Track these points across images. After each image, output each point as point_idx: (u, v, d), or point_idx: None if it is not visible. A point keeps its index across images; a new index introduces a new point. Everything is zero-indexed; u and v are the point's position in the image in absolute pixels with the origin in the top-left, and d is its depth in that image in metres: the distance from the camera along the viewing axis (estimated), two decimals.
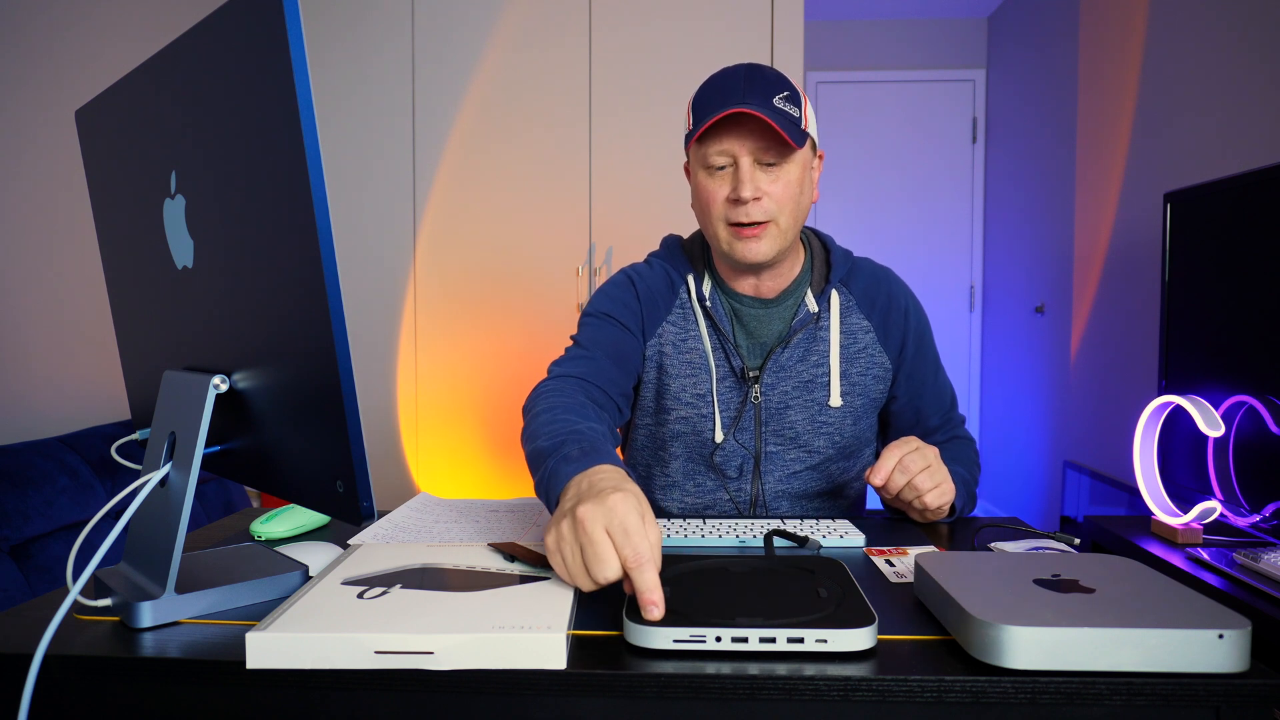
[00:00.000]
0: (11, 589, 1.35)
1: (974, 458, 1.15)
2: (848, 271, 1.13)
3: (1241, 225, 1.52)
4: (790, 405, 1.10)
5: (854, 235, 3.83)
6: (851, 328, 1.11)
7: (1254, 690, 0.56)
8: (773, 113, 0.96)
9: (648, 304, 1.11)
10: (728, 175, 1.01)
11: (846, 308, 1.12)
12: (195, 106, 0.68)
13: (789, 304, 1.11)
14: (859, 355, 1.11)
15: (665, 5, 2.45)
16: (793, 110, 0.99)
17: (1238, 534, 1.51)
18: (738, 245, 1.02)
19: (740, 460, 1.12)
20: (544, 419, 0.88)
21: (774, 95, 0.98)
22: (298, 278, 0.59)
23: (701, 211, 1.06)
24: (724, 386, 1.10)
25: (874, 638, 0.61)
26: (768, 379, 1.10)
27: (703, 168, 1.03)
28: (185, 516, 0.68)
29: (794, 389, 1.10)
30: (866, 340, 1.11)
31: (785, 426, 1.10)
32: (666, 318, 1.11)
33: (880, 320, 1.12)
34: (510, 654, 0.58)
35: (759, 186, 0.99)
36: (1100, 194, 2.69)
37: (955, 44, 3.80)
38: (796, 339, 1.09)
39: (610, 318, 1.10)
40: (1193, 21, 2.20)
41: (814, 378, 1.10)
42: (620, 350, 1.08)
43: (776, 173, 1.00)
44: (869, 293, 1.13)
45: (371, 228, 2.55)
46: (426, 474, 2.58)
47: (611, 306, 1.11)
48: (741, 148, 0.99)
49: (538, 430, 0.86)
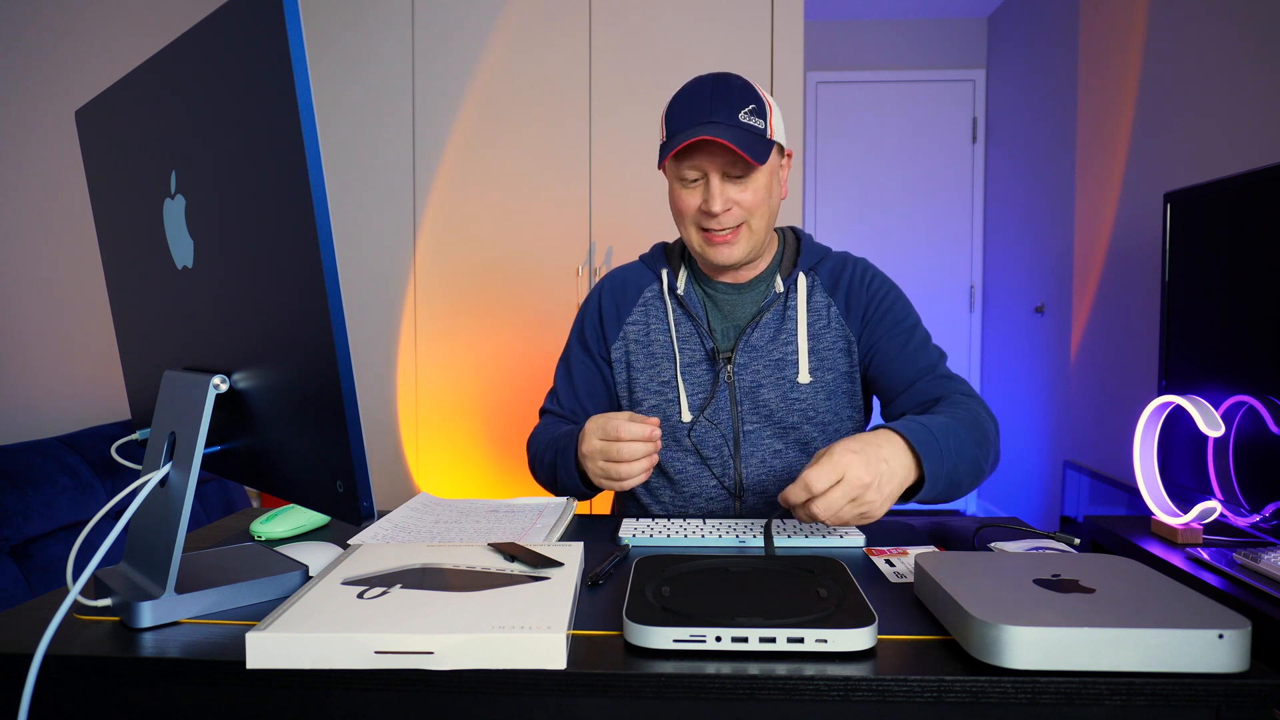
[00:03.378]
0: (11, 589, 1.34)
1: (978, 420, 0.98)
2: (818, 260, 1.19)
3: (1241, 225, 1.52)
4: (763, 384, 1.14)
5: (854, 235, 3.83)
6: (816, 305, 1.16)
7: (1254, 690, 0.56)
8: (736, 134, 1.02)
9: (609, 312, 1.22)
10: (699, 187, 1.08)
11: (812, 289, 1.17)
12: (195, 106, 0.68)
13: (761, 289, 1.18)
14: (824, 331, 1.15)
15: (665, 5, 2.45)
16: (757, 123, 1.05)
17: (1238, 534, 1.50)
18: (710, 250, 1.10)
19: (717, 440, 1.15)
20: (543, 442, 1.14)
21: (739, 110, 1.04)
22: (298, 278, 0.59)
23: (677, 217, 1.13)
24: (698, 370, 1.16)
25: (874, 638, 0.61)
26: (740, 359, 1.15)
27: (675, 178, 1.10)
28: (185, 516, 0.68)
29: (765, 368, 1.14)
30: (831, 315, 1.16)
31: (760, 405, 1.14)
32: (628, 318, 1.21)
33: (843, 295, 1.16)
34: (510, 654, 0.58)
35: (729, 198, 1.06)
36: (1100, 194, 2.69)
37: (955, 44, 3.80)
38: (765, 319, 1.15)
39: (580, 348, 1.24)
40: (1193, 21, 2.20)
41: (784, 356, 1.14)
42: (591, 383, 1.23)
43: (744, 184, 1.06)
44: (834, 273, 1.18)
45: (371, 228, 2.54)
46: (426, 474, 2.58)
47: (577, 336, 1.25)
48: (710, 164, 1.05)
49: (541, 452, 1.13)
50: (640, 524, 0.99)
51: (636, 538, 0.93)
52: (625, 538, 0.93)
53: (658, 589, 0.68)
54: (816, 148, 3.83)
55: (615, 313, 1.21)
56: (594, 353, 1.23)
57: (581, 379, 1.23)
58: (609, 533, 0.99)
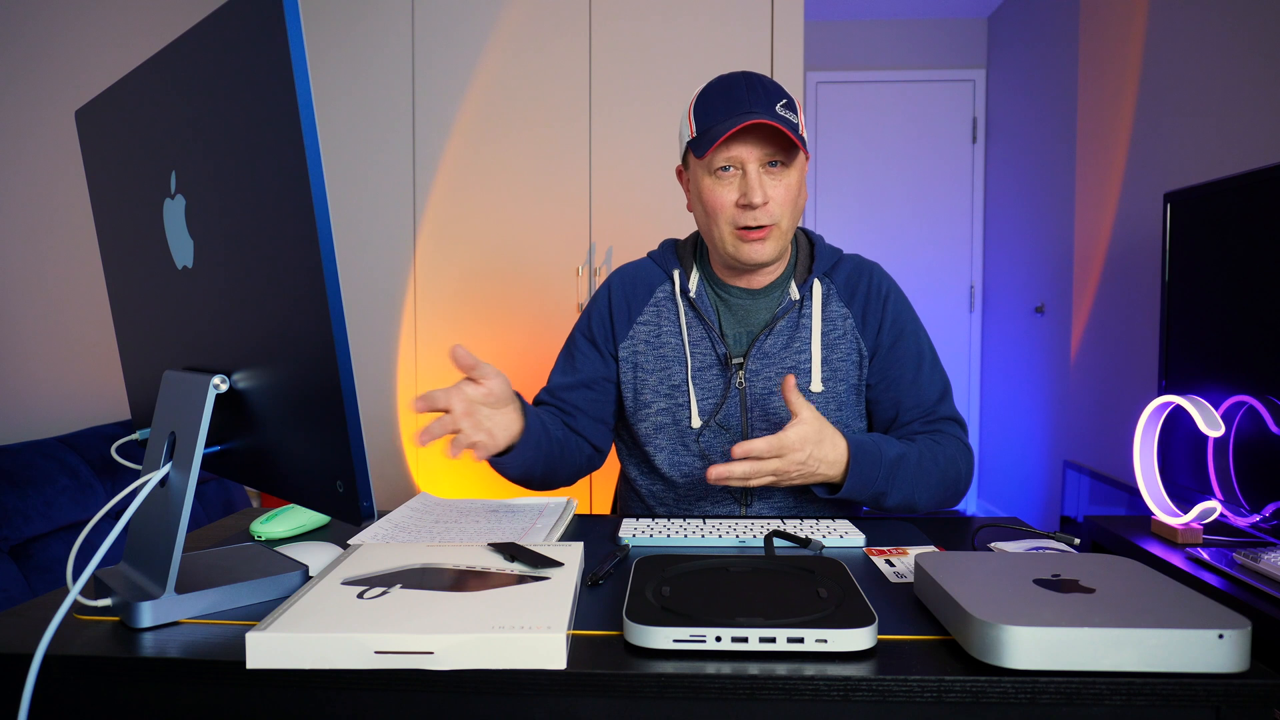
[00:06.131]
0: (11, 589, 1.34)
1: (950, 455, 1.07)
2: (833, 265, 1.17)
3: (1241, 225, 1.52)
4: (774, 391, 1.13)
5: (854, 235, 3.83)
6: (832, 315, 1.15)
7: (1254, 690, 0.56)
8: (781, 121, 1.01)
9: (619, 308, 1.19)
10: (734, 180, 1.05)
11: (828, 296, 1.16)
12: (195, 106, 0.68)
13: (775, 295, 1.15)
14: (839, 341, 1.14)
15: (665, 5, 2.45)
16: (793, 117, 1.04)
17: (1238, 534, 1.50)
18: (744, 248, 1.07)
19: (726, 447, 1.14)
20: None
21: (775, 103, 1.03)
22: (298, 278, 0.59)
23: (707, 215, 1.09)
24: (709, 375, 1.14)
25: (874, 638, 0.61)
26: (752, 365, 1.13)
27: (709, 173, 1.06)
28: (185, 516, 0.68)
29: (778, 375, 1.13)
30: (846, 326, 1.15)
31: (770, 412, 1.13)
32: (639, 317, 1.18)
33: (860, 307, 1.15)
34: (510, 654, 0.58)
35: (765, 192, 1.03)
36: (1100, 194, 2.69)
37: (955, 44, 3.80)
38: (779, 326, 1.13)
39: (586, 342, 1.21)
40: (1193, 21, 2.20)
41: (797, 364, 1.13)
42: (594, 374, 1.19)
43: (779, 178, 1.05)
44: (850, 282, 1.17)
45: (371, 228, 2.54)
46: (426, 474, 2.58)
47: (582, 330, 1.21)
48: (750, 154, 1.03)
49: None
50: (640, 524, 0.99)
51: (636, 538, 0.93)
52: (625, 538, 0.93)
53: (658, 589, 0.68)
54: (816, 148, 3.83)
55: (626, 310, 1.18)
56: (602, 348, 1.19)
57: (585, 369, 1.18)
58: (609, 533, 0.99)
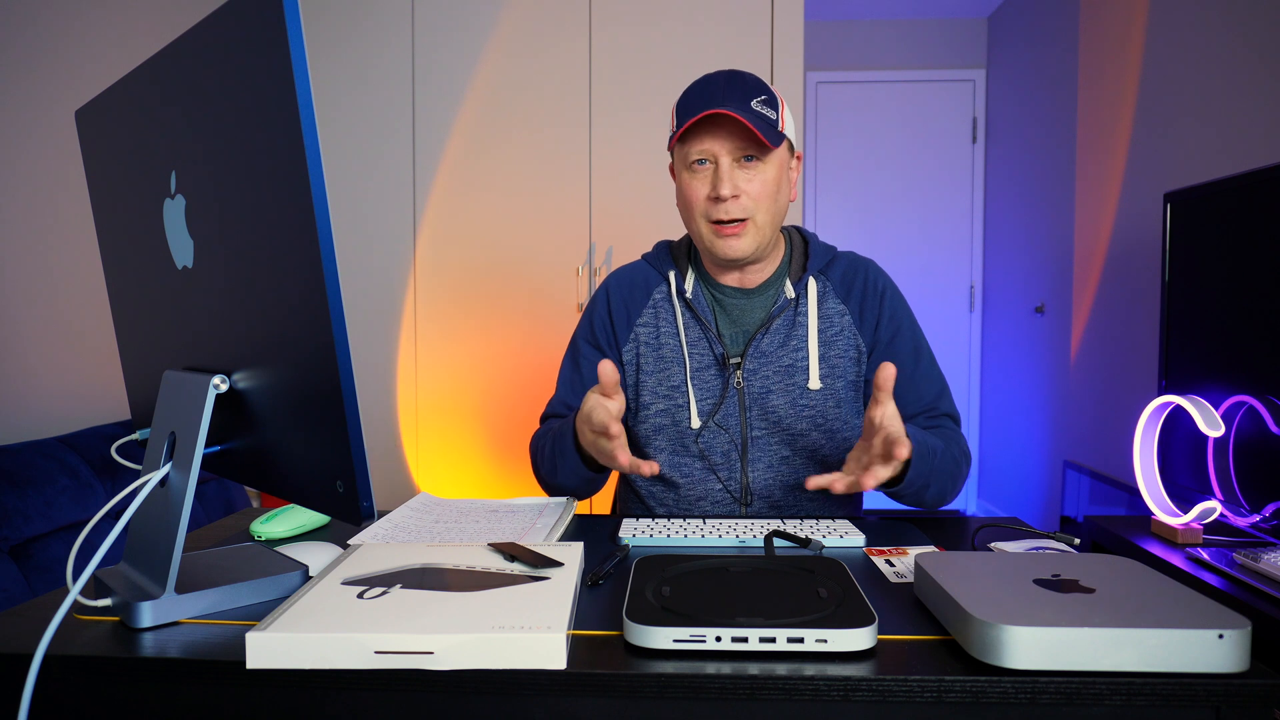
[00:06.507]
0: (11, 589, 1.34)
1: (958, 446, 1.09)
2: (827, 262, 1.18)
3: (1241, 225, 1.52)
4: (771, 390, 1.13)
5: (854, 235, 3.83)
6: (828, 312, 1.15)
7: (1254, 690, 0.56)
8: (749, 114, 1.03)
9: (618, 311, 1.19)
10: (708, 174, 1.07)
11: (824, 293, 1.16)
12: (195, 106, 0.68)
13: (770, 293, 1.16)
14: (836, 338, 1.14)
15: (665, 6, 2.45)
16: (770, 113, 1.06)
17: (1238, 534, 1.50)
18: (718, 242, 1.08)
19: (725, 446, 1.14)
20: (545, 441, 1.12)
21: (752, 99, 1.04)
22: (298, 278, 0.59)
23: (684, 209, 1.12)
24: (707, 375, 1.14)
25: (874, 638, 0.61)
26: (750, 365, 1.13)
27: (685, 167, 1.09)
28: (185, 516, 0.68)
29: (775, 374, 1.13)
30: (843, 324, 1.15)
31: (769, 411, 1.13)
32: (638, 319, 1.18)
33: (856, 304, 1.16)
34: (510, 654, 0.58)
35: (737, 185, 1.05)
36: (1100, 194, 2.69)
37: (955, 44, 3.80)
38: (775, 324, 1.14)
39: (589, 347, 1.21)
40: (1193, 22, 2.20)
41: (794, 362, 1.13)
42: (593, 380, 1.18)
43: (753, 172, 1.06)
44: (846, 278, 1.17)
45: (371, 228, 2.54)
46: (426, 474, 2.58)
47: (585, 336, 1.22)
48: (720, 147, 1.05)
49: (541, 446, 1.12)
50: (640, 524, 0.99)
51: (636, 538, 0.93)
52: (625, 538, 0.93)
53: (658, 589, 0.68)
54: (816, 148, 3.83)
55: (625, 313, 1.19)
56: (607, 351, 1.19)
57: (591, 375, 1.19)
58: (609, 533, 0.99)
